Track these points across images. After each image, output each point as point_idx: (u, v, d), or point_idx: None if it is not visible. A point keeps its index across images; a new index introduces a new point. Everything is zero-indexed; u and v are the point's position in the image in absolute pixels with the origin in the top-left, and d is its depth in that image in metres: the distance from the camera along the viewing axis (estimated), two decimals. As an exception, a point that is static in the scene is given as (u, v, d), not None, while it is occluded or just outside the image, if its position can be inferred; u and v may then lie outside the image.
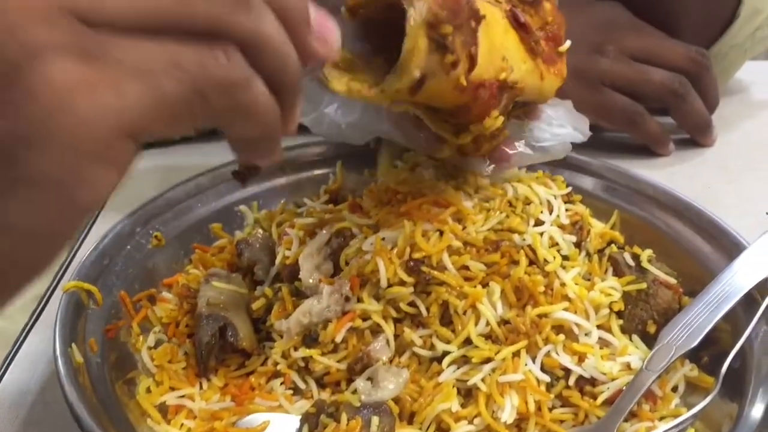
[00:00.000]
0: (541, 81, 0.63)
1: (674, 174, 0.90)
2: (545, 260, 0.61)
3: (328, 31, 0.40)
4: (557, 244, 0.63)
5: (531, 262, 0.61)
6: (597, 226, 0.70)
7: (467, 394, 0.58)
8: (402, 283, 0.59)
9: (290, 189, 0.77)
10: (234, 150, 0.41)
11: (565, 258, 0.63)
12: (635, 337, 0.62)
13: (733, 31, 0.96)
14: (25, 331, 0.66)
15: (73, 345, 0.54)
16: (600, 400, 0.57)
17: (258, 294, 0.64)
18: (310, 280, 0.60)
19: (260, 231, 0.71)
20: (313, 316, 0.59)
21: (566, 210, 0.67)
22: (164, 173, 0.86)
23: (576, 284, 0.61)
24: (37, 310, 0.68)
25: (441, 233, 0.61)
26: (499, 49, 0.58)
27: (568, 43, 0.65)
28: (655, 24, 0.93)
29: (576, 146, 0.79)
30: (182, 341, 0.63)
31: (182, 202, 0.72)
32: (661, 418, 0.57)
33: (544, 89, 0.65)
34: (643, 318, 0.62)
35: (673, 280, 0.64)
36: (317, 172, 0.78)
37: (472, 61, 0.55)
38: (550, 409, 0.57)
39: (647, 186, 0.73)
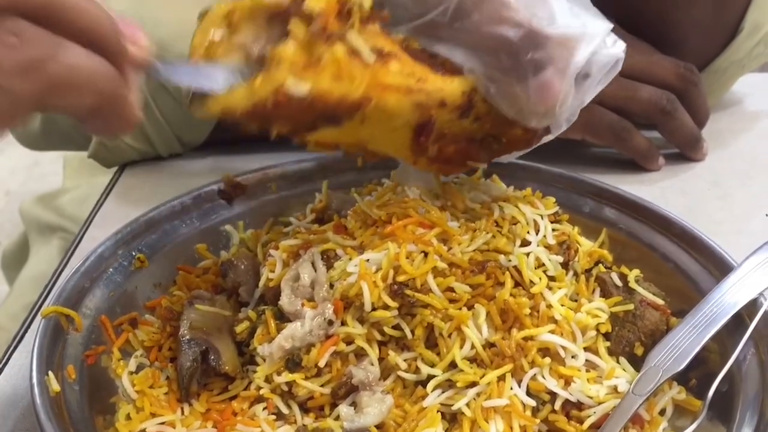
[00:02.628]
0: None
1: (665, 189, 0.89)
2: (531, 281, 0.61)
3: (138, 37, 0.40)
4: (543, 264, 0.63)
5: (517, 284, 0.61)
6: (585, 245, 0.69)
7: (452, 419, 0.57)
8: (386, 306, 0.58)
9: (277, 208, 0.76)
10: (88, 130, 0.40)
11: (551, 279, 0.62)
12: (622, 359, 0.61)
13: (734, 46, 0.96)
14: (5, 357, 0.65)
15: (50, 373, 0.54)
16: (587, 424, 0.56)
17: (242, 317, 0.64)
18: (291, 306, 0.59)
19: (245, 252, 0.70)
20: (295, 340, 0.58)
21: (553, 230, 0.66)
22: (149, 192, 0.85)
23: (562, 306, 0.61)
24: (19, 335, 0.67)
25: (426, 254, 0.60)
26: (359, 136, 0.58)
27: (480, 166, 0.66)
28: (660, 38, 0.93)
29: (565, 162, 0.79)
30: (165, 365, 0.62)
31: (167, 223, 0.71)
32: (649, 442, 0.57)
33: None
34: (631, 340, 0.62)
35: (660, 301, 0.64)
36: (304, 189, 0.77)
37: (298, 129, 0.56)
38: (536, 434, 0.56)
39: (636, 204, 0.72)
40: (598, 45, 0.59)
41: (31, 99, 0.34)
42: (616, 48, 0.60)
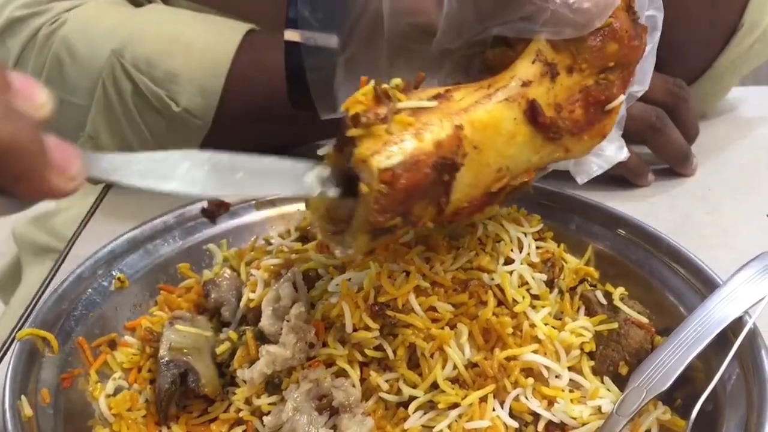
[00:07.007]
0: (566, 153, 0.59)
1: (654, 205, 0.89)
2: (514, 300, 0.60)
3: (67, 163, 0.38)
4: (527, 283, 0.62)
5: (500, 303, 0.60)
6: (571, 262, 0.69)
7: (433, 441, 0.56)
8: (368, 327, 0.57)
9: (261, 226, 0.76)
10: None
11: (535, 297, 0.62)
12: (607, 379, 0.61)
13: (734, 43, 0.95)
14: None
15: (23, 397, 0.53)
16: (570, 445, 0.56)
17: (222, 338, 0.63)
18: (272, 327, 0.59)
19: (228, 271, 0.69)
20: (277, 365, 0.57)
21: (537, 248, 0.65)
22: (135, 211, 0.84)
23: (546, 325, 0.60)
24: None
25: (408, 273, 0.60)
26: (493, 164, 0.54)
27: (619, 99, 0.59)
28: (663, 39, 0.92)
29: (554, 178, 0.78)
30: (144, 387, 0.61)
31: (148, 242, 0.71)
32: (633, 464, 0.56)
33: (573, 156, 0.60)
34: (615, 359, 0.61)
35: (645, 320, 0.63)
36: (288, 208, 0.77)
37: (440, 207, 0.53)
38: (518, 456, 0.55)
39: (622, 220, 0.72)
40: None
41: None
42: None
